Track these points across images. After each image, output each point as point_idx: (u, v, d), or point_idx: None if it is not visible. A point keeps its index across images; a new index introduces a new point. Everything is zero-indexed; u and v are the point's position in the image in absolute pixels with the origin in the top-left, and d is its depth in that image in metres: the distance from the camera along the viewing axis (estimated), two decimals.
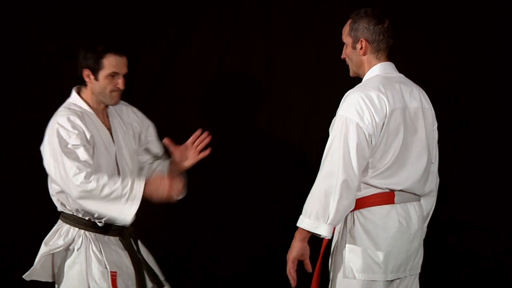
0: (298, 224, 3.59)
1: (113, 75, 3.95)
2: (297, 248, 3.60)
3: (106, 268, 3.91)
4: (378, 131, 3.58)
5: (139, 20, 5.09)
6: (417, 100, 3.76)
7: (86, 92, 4.03)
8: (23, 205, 5.02)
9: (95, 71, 3.94)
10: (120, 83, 3.97)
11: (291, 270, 3.62)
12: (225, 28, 5.12)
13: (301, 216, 3.59)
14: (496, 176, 5.04)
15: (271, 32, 5.11)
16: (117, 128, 4.09)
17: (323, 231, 3.54)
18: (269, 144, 5.12)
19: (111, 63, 3.93)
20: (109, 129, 4.06)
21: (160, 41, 5.12)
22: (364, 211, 3.64)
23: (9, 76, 4.97)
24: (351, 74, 3.84)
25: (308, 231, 3.57)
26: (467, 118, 5.05)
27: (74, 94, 4.04)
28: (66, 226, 3.96)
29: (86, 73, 3.96)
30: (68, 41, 4.98)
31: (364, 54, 3.72)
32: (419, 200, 3.81)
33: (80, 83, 4.04)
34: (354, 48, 3.73)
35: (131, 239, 4.05)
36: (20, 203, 5.02)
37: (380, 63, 3.74)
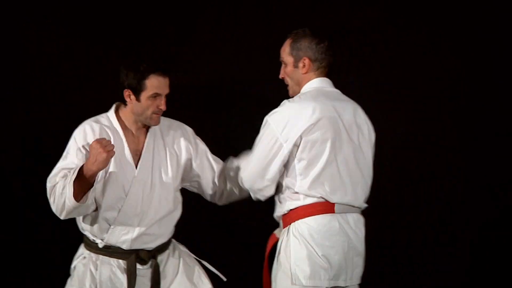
0: None
1: (155, 96, 3.79)
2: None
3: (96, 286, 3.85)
4: (299, 140, 3.69)
5: (139, 20, 5.09)
6: (350, 113, 3.83)
7: (124, 111, 3.89)
8: (23, 205, 5.02)
9: (136, 92, 3.78)
10: (162, 104, 3.81)
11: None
12: (225, 28, 5.12)
13: None
14: (496, 175, 5.04)
15: (271, 32, 5.10)
16: (153, 150, 3.92)
17: None
18: None
19: (154, 84, 3.77)
20: (140, 152, 3.90)
21: (160, 41, 5.12)
22: (307, 219, 3.72)
23: (9, 76, 4.97)
24: (291, 93, 3.89)
25: None
26: (467, 118, 5.05)
27: (111, 110, 3.93)
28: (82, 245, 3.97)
29: (127, 93, 3.81)
30: (68, 41, 4.98)
31: (307, 72, 3.81)
32: (359, 212, 3.88)
33: (122, 100, 3.90)
34: (296, 67, 3.82)
35: (139, 263, 3.90)
36: (20, 203, 5.02)
37: (319, 78, 3.83)
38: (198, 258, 4.12)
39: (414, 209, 5.09)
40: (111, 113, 3.91)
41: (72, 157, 3.80)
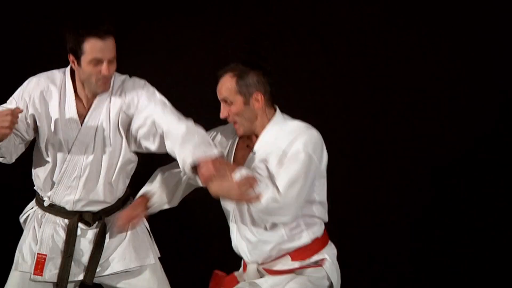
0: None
1: (96, 61, 3.54)
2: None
3: (36, 246, 3.77)
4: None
5: (139, 20, 5.09)
6: None
7: (76, 74, 3.67)
8: (22, 205, 5.01)
9: (77, 57, 3.55)
10: (104, 69, 3.54)
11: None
12: (225, 28, 5.12)
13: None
14: (496, 176, 5.04)
15: (271, 32, 5.10)
16: (100, 113, 3.70)
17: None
18: None
19: (93, 48, 3.50)
20: (83, 118, 3.70)
21: (160, 41, 5.12)
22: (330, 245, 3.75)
23: (9, 76, 4.96)
24: (242, 132, 3.69)
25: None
26: (467, 118, 5.05)
27: (68, 70, 3.71)
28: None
29: (71, 58, 3.59)
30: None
31: (261, 107, 3.65)
32: None
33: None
34: (247, 104, 3.63)
35: (82, 225, 3.79)
36: (20, 203, 5.02)
37: (278, 110, 3.72)
38: (149, 229, 3.99)
39: (414, 209, 5.09)
40: (67, 71, 3.70)
41: (13, 104, 3.69)
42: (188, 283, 5.15)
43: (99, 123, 3.69)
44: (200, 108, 5.17)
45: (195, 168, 3.51)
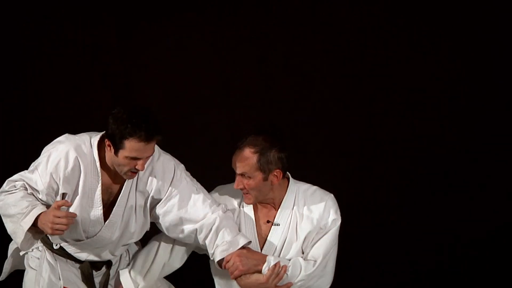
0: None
1: (133, 158, 3.48)
2: None
3: (59, 279, 3.74)
4: None
5: (139, 20, 5.09)
6: None
7: (107, 151, 3.56)
8: None
9: (115, 147, 3.46)
10: (140, 165, 3.49)
11: None
12: (225, 28, 5.12)
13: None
14: (496, 175, 5.04)
15: (271, 32, 5.10)
16: (128, 197, 3.65)
17: None
18: None
19: (133, 147, 3.44)
20: (113, 195, 3.66)
21: (160, 41, 5.12)
22: None
23: (9, 76, 4.97)
24: (252, 202, 3.69)
25: None
26: (467, 118, 5.05)
27: (96, 138, 3.59)
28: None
29: (108, 143, 3.50)
30: (68, 41, 4.98)
31: (278, 182, 3.65)
32: None
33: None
34: (266, 180, 3.61)
35: (94, 274, 3.82)
36: None
37: (291, 177, 3.74)
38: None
39: (414, 209, 5.09)
40: (94, 142, 3.58)
41: (37, 177, 3.58)
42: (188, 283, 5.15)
43: (125, 212, 3.66)
44: (201, 108, 5.18)
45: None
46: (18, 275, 3.93)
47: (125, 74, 5.13)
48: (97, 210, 3.60)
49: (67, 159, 3.54)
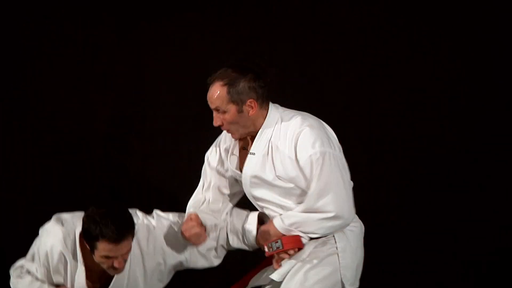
0: (282, 224, 3.54)
1: (108, 257, 3.49)
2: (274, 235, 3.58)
3: None
4: None
5: (139, 20, 5.09)
6: None
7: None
8: (21, 206, 5.02)
9: (90, 247, 3.52)
10: (117, 263, 3.51)
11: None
12: (225, 28, 5.12)
13: (287, 221, 3.54)
14: (496, 176, 5.04)
15: (271, 32, 5.10)
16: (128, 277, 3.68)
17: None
18: None
19: (105, 248, 3.45)
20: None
21: (160, 41, 5.12)
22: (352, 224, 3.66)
23: (9, 76, 4.97)
24: (238, 137, 3.63)
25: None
26: (467, 118, 5.05)
27: (78, 239, 3.61)
28: None
29: (84, 241, 3.56)
30: (68, 41, 4.98)
31: (255, 113, 3.55)
32: None
33: None
34: (240, 111, 3.53)
35: None
36: (18, 204, 5.03)
37: (271, 106, 3.62)
38: None
39: (414, 209, 5.09)
40: (78, 234, 3.60)
41: (36, 266, 3.67)
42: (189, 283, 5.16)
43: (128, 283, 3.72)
44: (200, 108, 5.18)
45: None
46: None
47: (126, 74, 5.14)
48: None
49: (52, 253, 3.61)
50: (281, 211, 3.59)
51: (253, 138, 3.62)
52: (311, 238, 3.55)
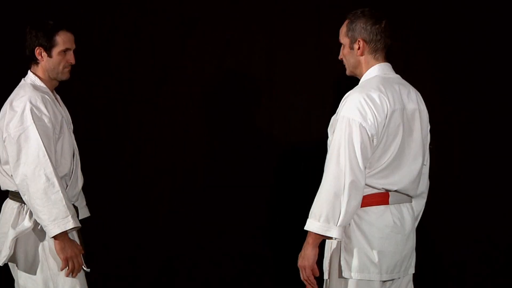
0: (307, 228, 3.55)
1: (65, 51, 4.01)
2: (312, 255, 3.58)
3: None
4: (379, 131, 3.58)
5: (139, 20, 5.10)
6: (414, 102, 3.76)
7: (38, 71, 4.06)
8: None
9: (47, 48, 4.00)
10: (72, 58, 4.03)
11: (310, 277, 3.60)
12: (225, 28, 5.12)
13: (309, 220, 3.56)
14: (496, 176, 5.05)
15: (271, 32, 5.11)
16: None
17: (335, 234, 3.52)
18: (269, 144, 5.13)
19: (64, 39, 4.00)
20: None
21: (160, 41, 5.12)
22: (360, 211, 3.62)
23: (9, 76, 4.96)
24: (348, 73, 3.81)
25: (320, 235, 3.54)
26: (467, 118, 5.06)
27: (31, 75, 4.06)
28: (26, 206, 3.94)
29: (39, 51, 4.00)
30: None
31: (362, 54, 3.69)
32: (411, 202, 3.81)
33: (27, 64, 4.08)
34: (351, 48, 3.70)
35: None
36: None
37: (378, 64, 3.71)
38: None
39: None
40: (35, 79, 4.05)
41: (46, 142, 3.90)
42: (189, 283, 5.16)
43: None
44: (200, 107, 5.19)
45: None
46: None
47: (127, 73, 5.14)
48: (67, 116, 4.14)
49: (42, 101, 3.95)
50: None
51: None
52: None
